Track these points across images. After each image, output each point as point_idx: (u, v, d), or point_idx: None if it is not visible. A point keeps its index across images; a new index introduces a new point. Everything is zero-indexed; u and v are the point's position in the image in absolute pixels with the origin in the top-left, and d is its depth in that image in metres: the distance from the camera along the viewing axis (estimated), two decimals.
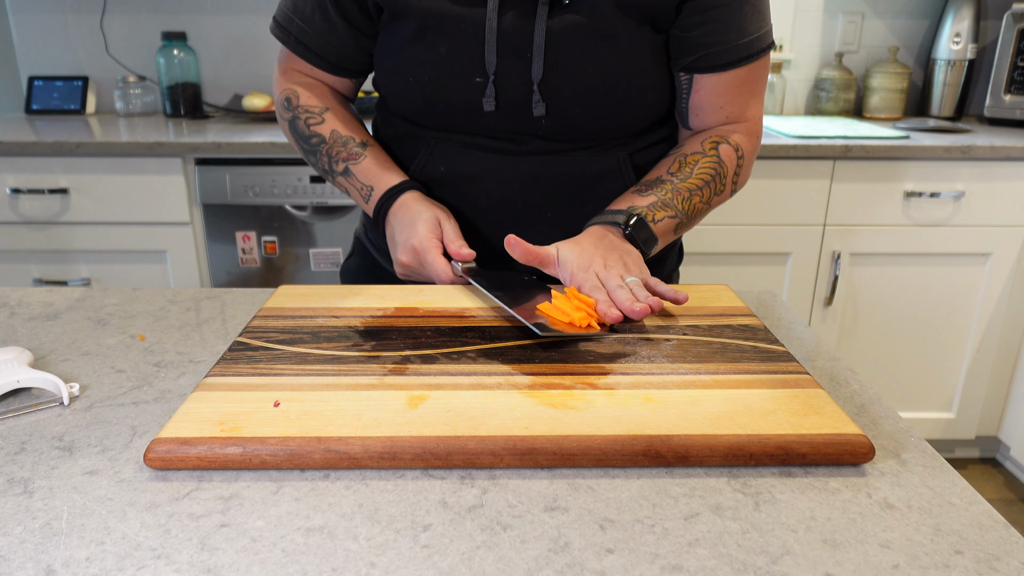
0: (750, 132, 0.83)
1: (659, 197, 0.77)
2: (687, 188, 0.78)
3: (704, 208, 0.81)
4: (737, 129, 0.82)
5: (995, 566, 0.39)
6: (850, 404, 0.56)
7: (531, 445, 0.46)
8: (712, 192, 0.80)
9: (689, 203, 0.79)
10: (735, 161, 0.82)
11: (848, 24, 2.17)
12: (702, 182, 0.79)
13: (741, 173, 0.83)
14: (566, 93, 0.76)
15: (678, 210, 0.78)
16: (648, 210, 0.76)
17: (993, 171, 1.72)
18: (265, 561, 0.39)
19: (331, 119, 0.84)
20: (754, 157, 0.84)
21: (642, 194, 0.78)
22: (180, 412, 0.50)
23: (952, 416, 1.94)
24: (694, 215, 0.80)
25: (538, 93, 0.76)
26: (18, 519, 0.42)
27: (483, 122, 0.78)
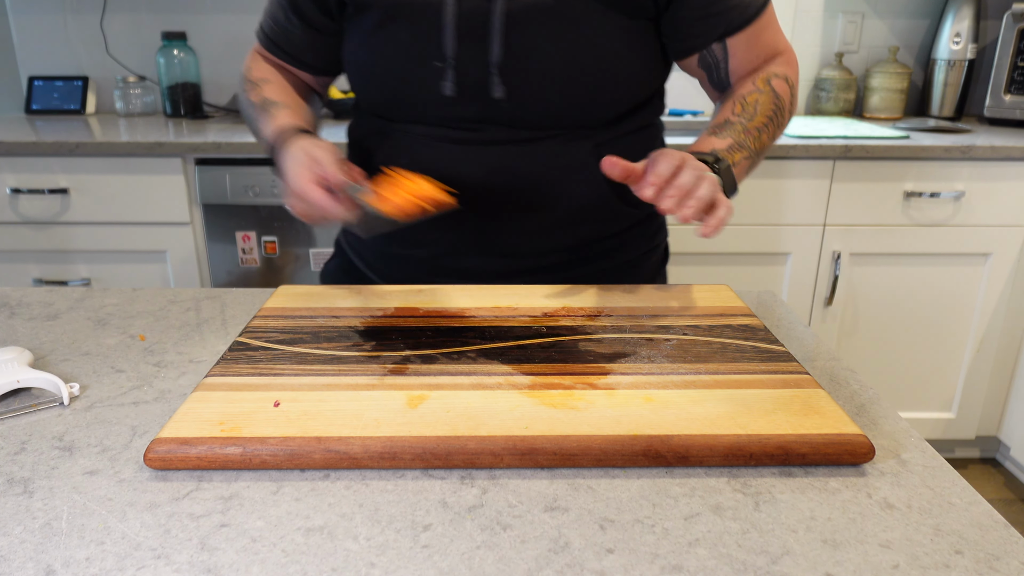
0: (789, 62, 0.84)
1: (734, 139, 0.77)
2: (755, 127, 0.78)
3: (770, 144, 0.81)
4: (778, 62, 0.83)
5: (995, 566, 0.39)
6: (850, 404, 0.56)
7: (531, 445, 0.46)
8: (776, 126, 0.81)
9: (759, 141, 0.79)
10: (788, 92, 0.82)
11: (848, 24, 2.17)
12: (767, 119, 0.79)
13: (794, 101, 0.84)
14: (527, 76, 0.75)
15: (751, 150, 0.77)
16: (727, 152, 0.75)
17: (993, 171, 1.72)
18: (265, 561, 0.39)
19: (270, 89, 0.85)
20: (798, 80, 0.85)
21: (719, 136, 0.77)
22: (180, 412, 0.50)
23: (952, 416, 1.94)
24: (761, 152, 0.80)
25: (497, 76, 0.74)
26: (18, 519, 0.42)
27: (446, 110, 0.77)
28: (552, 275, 0.83)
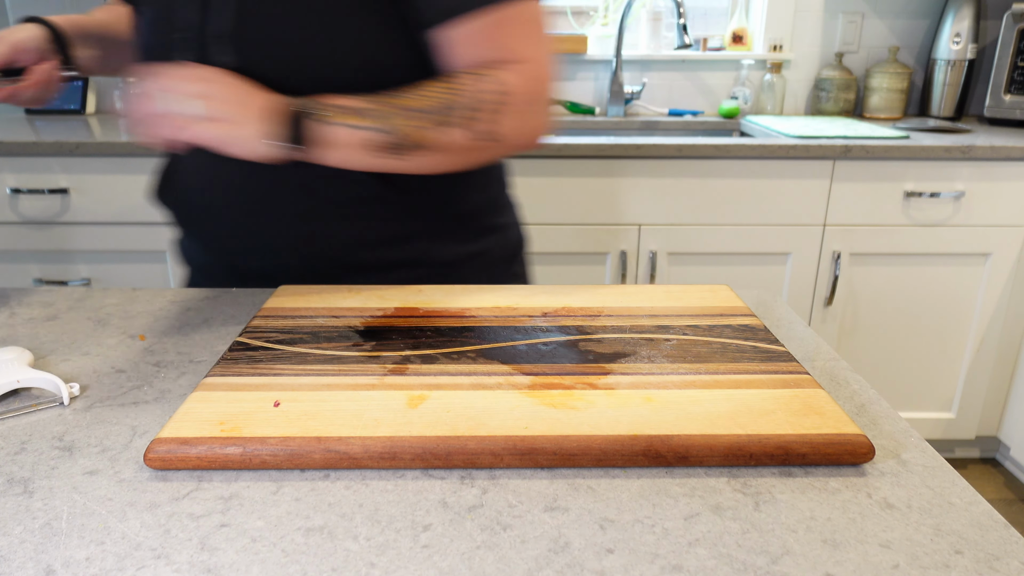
0: (524, 73, 0.70)
1: (366, 105, 0.67)
2: (401, 105, 0.68)
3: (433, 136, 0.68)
4: (506, 67, 0.70)
5: (995, 566, 0.39)
6: (850, 404, 0.56)
7: (531, 445, 0.46)
8: (438, 119, 0.67)
9: (402, 122, 0.67)
10: (488, 94, 0.68)
11: (848, 24, 2.17)
12: (424, 106, 0.68)
13: (505, 115, 0.69)
14: (256, 44, 0.71)
15: (390, 126, 0.67)
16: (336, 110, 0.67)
17: (993, 171, 1.72)
18: (265, 561, 0.39)
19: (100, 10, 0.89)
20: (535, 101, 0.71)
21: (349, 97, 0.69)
22: (180, 412, 0.50)
23: (952, 416, 1.95)
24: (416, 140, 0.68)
25: (223, 43, 0.71)
26: (18, 519, 0.42)
27: None
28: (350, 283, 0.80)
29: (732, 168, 1.72)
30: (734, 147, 1.69)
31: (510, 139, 0.71)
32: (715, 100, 2.25)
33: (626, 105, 2.23)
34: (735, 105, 2.16)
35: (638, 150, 1.69)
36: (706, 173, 1.72)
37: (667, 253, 1.79)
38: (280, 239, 0.79)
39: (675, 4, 1.98)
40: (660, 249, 1.78)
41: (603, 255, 1.80)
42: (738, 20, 2.20)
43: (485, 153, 0.72)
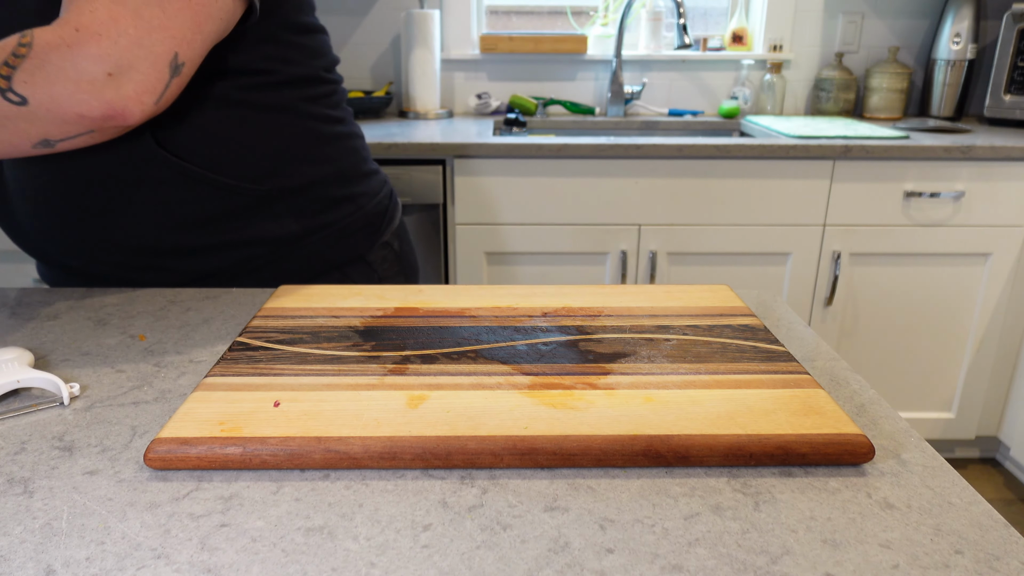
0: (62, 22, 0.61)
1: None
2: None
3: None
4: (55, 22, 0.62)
5: (995, 566, 0.39)
6: (850, 404, 0.56)
7: (531, 445, 0.46)
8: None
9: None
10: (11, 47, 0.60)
11: (848, 24, 2.17)
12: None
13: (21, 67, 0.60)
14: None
15: None
16: None
17: (993, 171, 1.72)
18: (265, 561, 0.39)
19: None
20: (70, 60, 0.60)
21: None
22: (180, 412, 0.50)
23: (952, 416, 1.95)
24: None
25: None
26: (18, 519, 0.42)
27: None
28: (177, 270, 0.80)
29: (732, 168, 1.72)
30: (734, 147, 1.69)
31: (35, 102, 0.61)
32: (715, 100, 2.25)
33: (626, 105, 2.23)
34: (735, 105, 2.16)
35: (638, 150, 1.69)
36: (706, 173, 1.72)
37: (667, 253, 1.79)
38: (89, 235, 0.78)
39: (675, 4, 1.98)
40: (660, 249, 1.78)
41: (603, 255, 1.80)
42: (738, 20, 2.20)
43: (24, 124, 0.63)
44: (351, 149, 0.88)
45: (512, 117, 2.10)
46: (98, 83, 0.62)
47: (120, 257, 0.79)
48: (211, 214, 0.78)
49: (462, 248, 1.78)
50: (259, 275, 0.83)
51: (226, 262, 0.81)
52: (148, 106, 0.65)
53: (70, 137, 0.65)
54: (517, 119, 2.10)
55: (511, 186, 1.73)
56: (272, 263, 0.83)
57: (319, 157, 0.83)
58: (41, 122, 0.63)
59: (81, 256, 0.80)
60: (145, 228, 0.77)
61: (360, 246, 0.88)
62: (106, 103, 0.62)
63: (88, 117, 0.63)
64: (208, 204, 0.77)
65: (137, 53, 0.63)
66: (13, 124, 0.62)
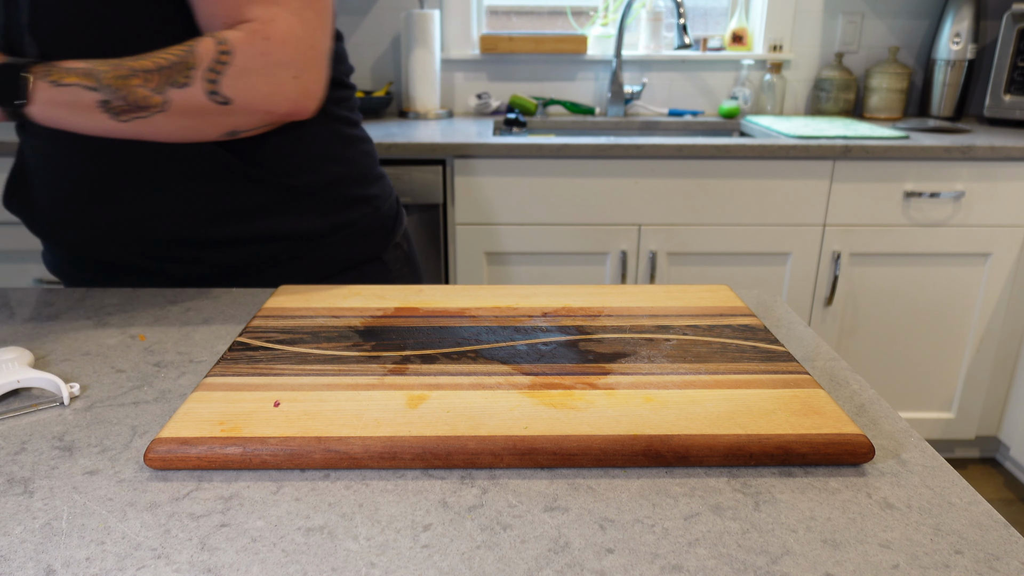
0: (253, 32, 0.69)
1: (88, 66, 0.67)
2: (129, 67, 0.67)
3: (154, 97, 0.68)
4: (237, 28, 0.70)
5: (995, 566, 0.39)
6: (850, 404, 0.56)
7: (531, 445, 0.46)
8: (166, 80, 0.67)
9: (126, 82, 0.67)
10: (213, 55, 0.68)
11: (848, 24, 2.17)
12: (154, 65, 0.68)
13: (227, 73, 0.68)
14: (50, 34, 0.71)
15: (107, 85, 0.66)
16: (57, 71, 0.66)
17: (993, 171, 1.72)
18: (265, 561, 0.39)
19: None
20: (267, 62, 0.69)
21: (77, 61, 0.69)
22: (180, 412, 0.50)
23: (952, 416, 1.95)
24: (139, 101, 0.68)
25: (29, 35, 0.71)
26: (18, 519, 0.42)
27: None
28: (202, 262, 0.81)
29: (732, 168, 1.72)
30: (734, 147, 1.69)
31: (238, 101, 0.69)
32: (715, 100, 2.25)
33: (626, 105, 2.23)
34: (735, 105, 2.16)
35: (638, 150, 1.69)
36: (706, 173, 1.72)
37: (667, 253, 1.79)
38: (121, 223, 0.78)
39: (675, 4, 1.98)
40: (660, 249, 1.78)
41: (603, 255, 1.80)
42: (738, 20, 2.20)
43: (223, 118, 0.70)
44: (366, 152, 0.90)
45: (512, 117, 2.10)
46: (287, 85, 0.71)
47: (149, 246, 0.80)
48: (243, 207, 0.79)
49: (462, 248, 1.78)
50: (280, 272, 0.84)
51: (251, 256, 0.82)
52: (320, 100, 0.74)
53: (253, 128, 0.74)
54: (517, 119, 2.10)
55: (511, 186, 1.73)
56: (294, 260, 0.84)
57: (342, 157, 0.85)
58: (236, 117, 0.71)
59: (107, 243, 0.80)
60: (179, 218, 0.78)
61: (376, 246, 0.90)
62: (292, 101, 0.72)
63: (276, 113, 0.72)
64: (241, 197, 0.79)
65: (310, 55, 0.72)
66: (212, 118, 0.70)
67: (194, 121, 0.70)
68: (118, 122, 0.69)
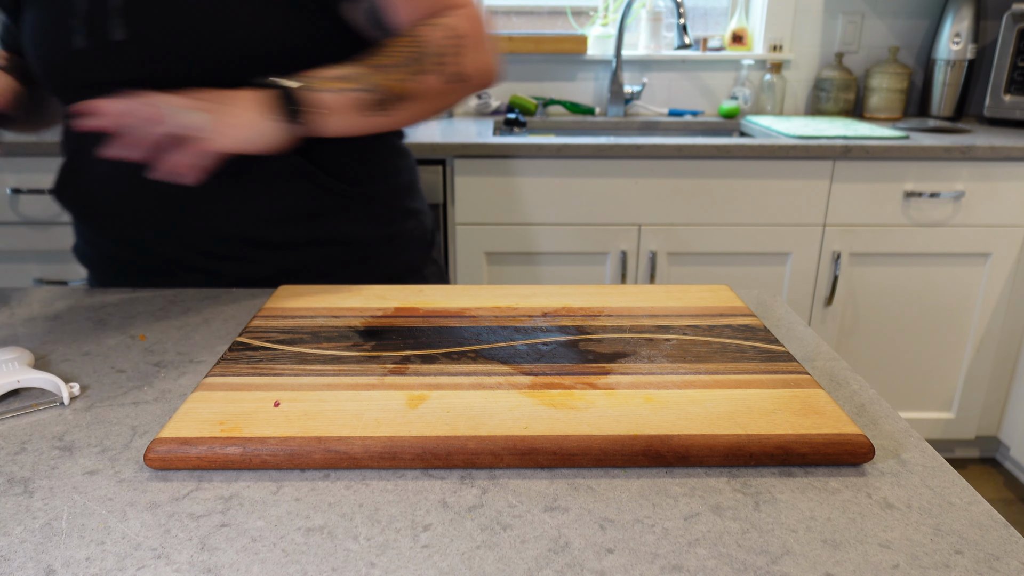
0: (467, 17, 0.77)
1: (342, 72, 0.71)
2: (374, 64, 0.72)
3: (412, 85, 0.73)
4: (449, 14, 0.76)
5: (995, 566, 0.39)
6: (850, 404, 0.56)
7: (531, 445, 0.46)
8: (412, 70, 0.73)
9: (383, 77, 0.71)
10: (447, 40, 0.74)
11: (848, 24, 2.17)
12: (396, 61, 0.72)
13: (465, 55, 0.76)
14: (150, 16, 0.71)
15: (371, 84, 0.71)
16: (321, 80, 0.70)
17: (993, 171, 1.72)
18: (265, 561, 0.39)
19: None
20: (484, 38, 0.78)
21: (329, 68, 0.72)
22: (180, 412, 0.50)
23: (952, 416, 1.95)
24: (399, 93, 0.72)
25: (120, 18, 0.71)
26: (18, 519, 0.42)
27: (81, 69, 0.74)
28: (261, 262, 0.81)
29: (732, 168, 1.72)
30: (734, 147, 1.69)
31: (474, 77, 0.77)
32: (715, 100, 2.25)
33: (626, 105, 2.23)
34: (735, 105, 2.16)
35: (638, 150, 1.69)
36: (706, 173, 1.72)
37: (667, 253, 1.79)
38: (187, 219, 0.78)
39: (675, 4, 1.98)
40: (660, 249, 1.78)
41: (603, 255, 1.80)
42: (738, 20, 2.20)
43: (456, 94, 0.78)
44: (412, 166, 0.93)
45: (512, 117, 2.10)
46: (494, 57, 0.80)
47: (210, 245, 0.80)
48: (305, 211, 0.80)
49: (462, 248, 1.78)
50: (329, 279, 0.84)
51: (305, 260, 0.82)
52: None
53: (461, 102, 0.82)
54: (517, 119, 2.10)
55: (511, 186, 1.73)
56: (345, 267, 0.84)
57: (398, 168, 0.88)
58: (468, 90, 0.78)
59: (170, 240, 0.80)
60: (243, 218, 0.79)
61: (417, 258, 0.92)
62: (498, 71, 0.81)
63: (490, 83, 0.80)
64: (304, 200, 0.80)
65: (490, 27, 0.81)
66: (451, 97, 0.78)
67: (438, 102, 0.77)
68: (382, 116, 0.74)
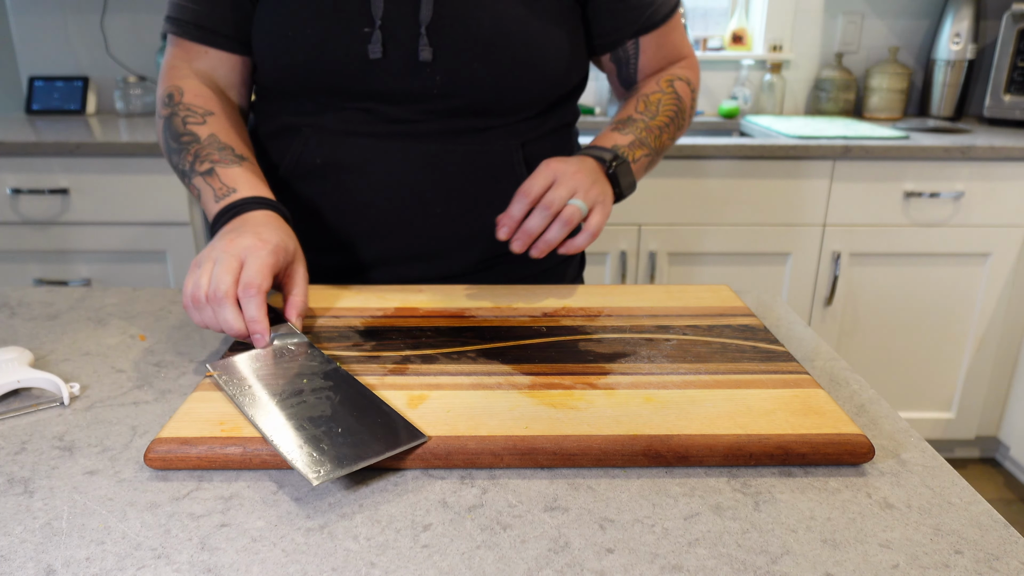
0: (692, 67, 0.87)
1: (636, 136, 0.79)
2: (657, 126, 0.81)
3: (669, 144, 0.84)
4: (682, 65, 0.86)
5: (995, 566, 0.39)
6: (850, 404, 0.56)
7: (531, 445, 0.46)
8: (676, 128, 0.83)
9: (659, 140, 0.81)
10: (689, 95, 0.85)
11: (848, 24, 2.17)
12: (668, 119, 0.82)
13: (694, 105, 0.87)
14: (455, 39, 0.72)
15: (651, 148, 0.80)
16: (628, 149, 0.78)
17: (993, 171, 1.72)
18: (265, 561, 0.39)
19: (213, 123, 0.74)
20: (699, 86, 0.88)
21: (621, 132, 0.79)
22: (180, 412, 0.50)
23: (952, 416, 1.94)
24: (661, 151, 0.83)
25: (425, 37, 0.71)
26: (18, 519, 0.42)
27: (371, 78, 0.73)
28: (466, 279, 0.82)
29: (732, 168, 1.72)
30: (734, 147, 1.69)
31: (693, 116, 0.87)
32: (715, 100, 2.25)
33: None
34: (735, 105, 2.16)
35: None
36: (706, 173, 1.72)
37: (667, 253, 1.79)
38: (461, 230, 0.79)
39: None
40: (660, 249, 1.78)
41: (603, 255, 1.80)
42: (738, 20, 2.20)
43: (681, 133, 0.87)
44: None
45: None
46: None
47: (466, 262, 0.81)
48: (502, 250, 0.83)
49: None
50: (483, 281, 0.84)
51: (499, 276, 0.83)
52: None
53: None
54: None
55: None
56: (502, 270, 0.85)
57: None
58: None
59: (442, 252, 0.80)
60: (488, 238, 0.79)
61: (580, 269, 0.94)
62: None
63: None
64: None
65: None
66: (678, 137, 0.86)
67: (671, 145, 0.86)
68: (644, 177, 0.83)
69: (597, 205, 0.71)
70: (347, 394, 0.52)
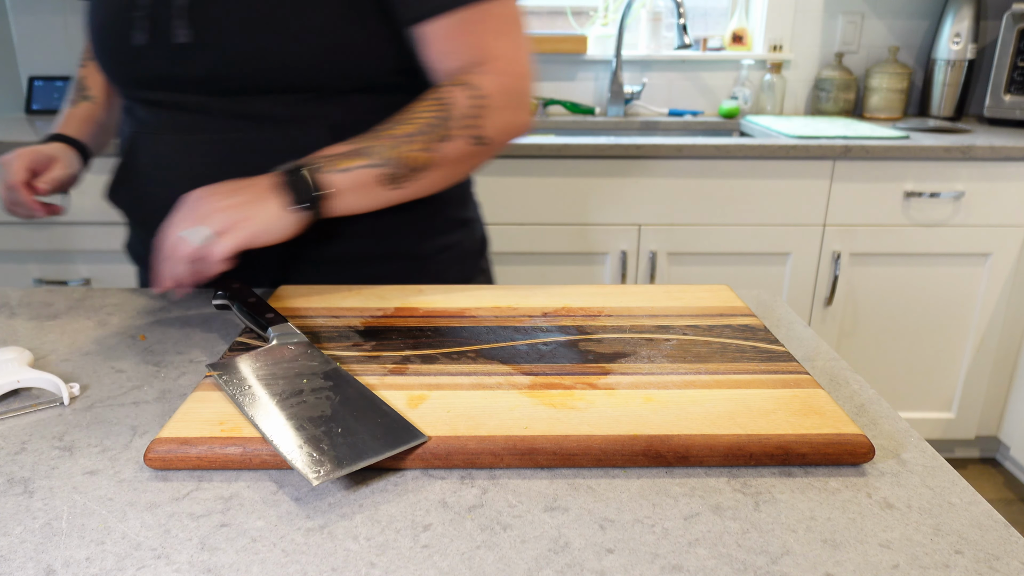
0: (498, 71, 0.72)
1: (356, 147, 0.69)
2: (397, 135, 0.69)
3: (427, 156, 0.70)
4: (480, 70, 0.72)
5: (995, 566, 0.39)
6: (850, 404, 0.56)
7: (531, 445, 0.46)
8: (434, 138, 0.70)
9: (398, 150, 0.69)
10: (471, 101, 0.70)
11: (848, 24, 2.17)
12: (416, 128, 0.70)
13: (489, 116, 0.71)
14: (217, 19, 0.69)
15: (385, 158, 0.68)
16: (335, 159, 0.68)
17: (993, 171, 1.72)
18: (265, 561, 0.39)
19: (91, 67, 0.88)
20: (514, 97, 0.73)
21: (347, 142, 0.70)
22: (180, 412, 0.50)
23: (952, 416, 1.94)
24: (414, 165, 0.70)
25: (184, 19, 0.69)
26: (18, 519, 0.42)
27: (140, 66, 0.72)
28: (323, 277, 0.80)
29: (732, 168, 1.72)
30: (734, 147, 1.69)
31: (496, 139, 0.73)
32: (715, 100, 2.25)
33: (626, 105, 2.23)
34: (735, 105, 2.16)
35: (638, 150, 1.69)
36: (706, 173, 1.72)
37: (667, 253, 1.79)
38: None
39: (675, 4, 1.98)
40: (660, 249, 1.78)
41: (603, 255, 1.80)
42: (738, 20, 2.20)
43: (478, 158, 0.74)
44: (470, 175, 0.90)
45: None
46: (527, 113, 0.75)
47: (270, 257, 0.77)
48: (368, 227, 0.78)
49: None
50: None
51: (367, 276, 0.81)
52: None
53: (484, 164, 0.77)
54: None
55: (511, 186, 1.73)
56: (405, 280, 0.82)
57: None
58: (491, 153, 0.74)
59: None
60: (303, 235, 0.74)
61: (469, 270, 0.90)
62: (527, 125, 0.76)
63: (520, 136, 0.76)
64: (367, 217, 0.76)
65: (532, 77, 0.75)
66: (472, 160, 0.74)
67: (458, 167, 0.74)
68: (396, 190, 0.71)
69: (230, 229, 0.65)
70: (347, 394, 0.52)
